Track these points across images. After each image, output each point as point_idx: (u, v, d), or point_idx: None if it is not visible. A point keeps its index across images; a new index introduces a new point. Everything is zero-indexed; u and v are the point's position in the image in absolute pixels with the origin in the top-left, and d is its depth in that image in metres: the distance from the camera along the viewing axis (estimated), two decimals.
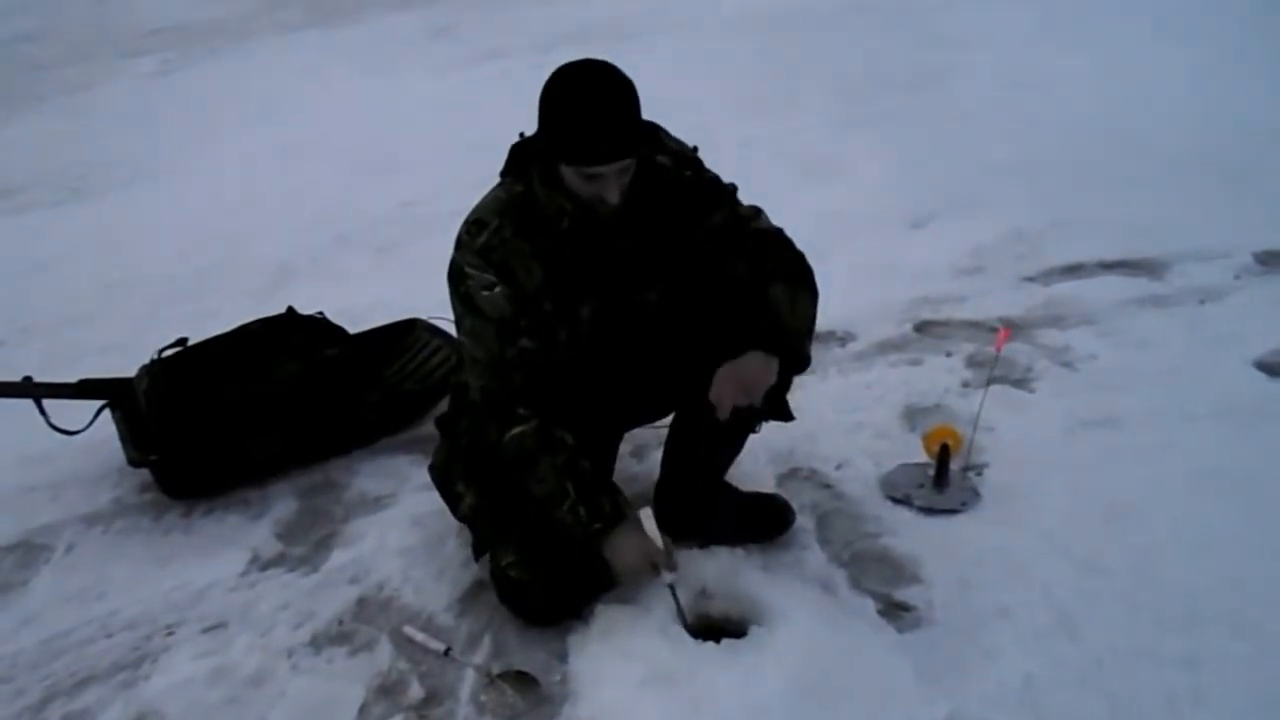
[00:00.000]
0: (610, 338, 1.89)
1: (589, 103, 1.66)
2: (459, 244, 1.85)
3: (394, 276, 3.57)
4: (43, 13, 8.63)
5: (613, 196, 1.72)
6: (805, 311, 1.85)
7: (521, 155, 1.85)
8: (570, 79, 1.68)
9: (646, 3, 7.34)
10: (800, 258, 1.87)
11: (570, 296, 1.85)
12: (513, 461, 1.81)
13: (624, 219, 1.79)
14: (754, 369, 1.76)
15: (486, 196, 1.88)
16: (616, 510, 1.80)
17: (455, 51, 6.84)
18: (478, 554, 2.01)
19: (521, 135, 1.87)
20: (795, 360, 1.83)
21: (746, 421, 2.01)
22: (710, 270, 1.87)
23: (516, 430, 1.79)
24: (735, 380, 1.76)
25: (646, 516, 1.83)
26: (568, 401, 1.84)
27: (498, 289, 1.80)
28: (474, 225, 1.84)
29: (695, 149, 1.94)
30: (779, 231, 1.90)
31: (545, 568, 1.89)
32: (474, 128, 5.04)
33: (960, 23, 6.46)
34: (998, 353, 2.33)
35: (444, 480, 2.07)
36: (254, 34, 7.75)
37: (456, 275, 1.84)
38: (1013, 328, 2.91)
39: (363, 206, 4.27)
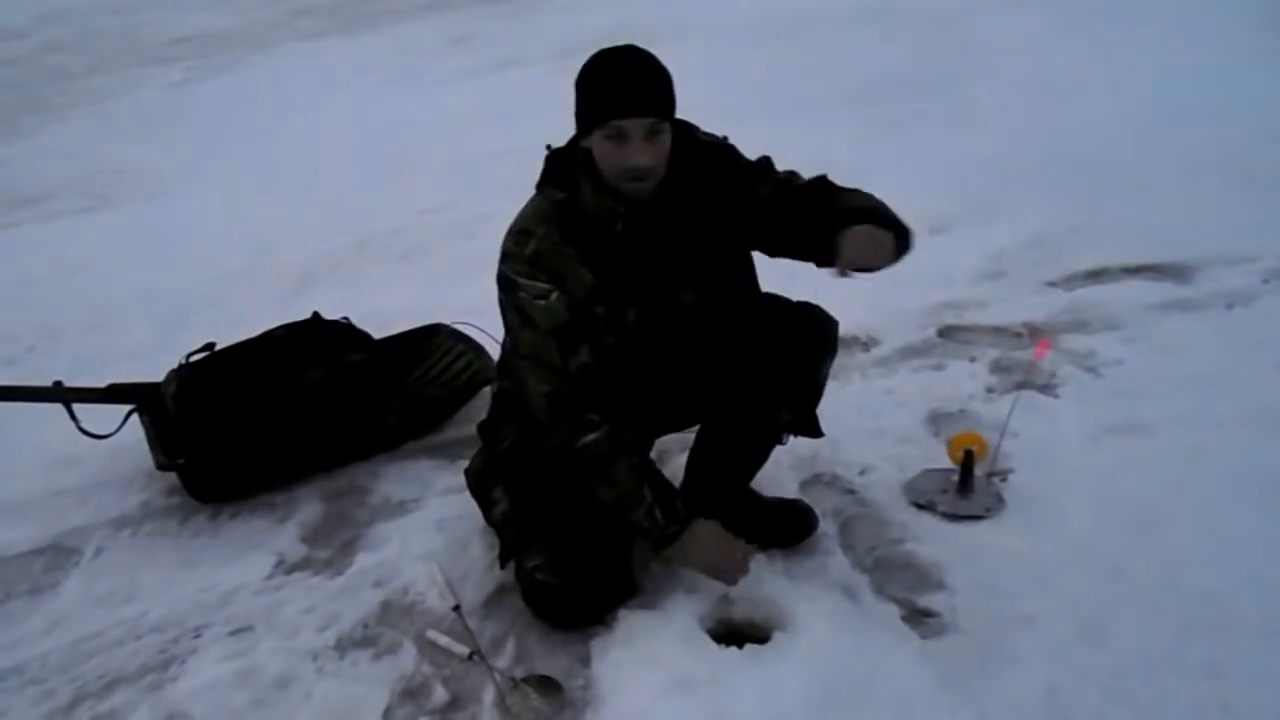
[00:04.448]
0: (652, 341, 1.90)
1: (617, 65, 1.74)
2: (506, 255, 1.84)
3: (416, 282, 3.59)
4: (69, 23, 8.73)
5: (642, 160, 1.72)
6: (890, 210, 1.78)
7: (560, 165, 1.85)
8: (602, 53, 1.77)
9: (663, 10, 7.35)
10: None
11: (619, 300, 1.86)
12: (587, 466, 1.82)
13: (668, 202, 1.80)
14: (879, 233, 1.69)
15: (526, 208, 1.88)
16: (688, 512, 1.85)
17: (472, 60, 6.87)
18: (504, 560, 2.02)
19: (549, 148, 1.88)
20: (904, 239, 1.74)
21: (773, 433, 2.04)
22: (745, 272, 1.92)
23: (590, 437, 1.80)
24: (867, 239, 1.67)
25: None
26: (618, 407, 1.85)
27: (554, 295, 1.80)
28: (520, 235, 1.83)
29: (725, 137, 1.94)
30: (823, 177, 1.90)
31: (572, 572, 1.90)
32: (491, 136, 5.08)
33: (981, 28, 6.43)
34: (1037, 359, 2.31)
35: (480, 485, 2.07)
36: (277, 42, 7.82)
37: (507, 284, 1.84)
38: (1050, 335, 2.88)
39: (383, 214, 4.29)
